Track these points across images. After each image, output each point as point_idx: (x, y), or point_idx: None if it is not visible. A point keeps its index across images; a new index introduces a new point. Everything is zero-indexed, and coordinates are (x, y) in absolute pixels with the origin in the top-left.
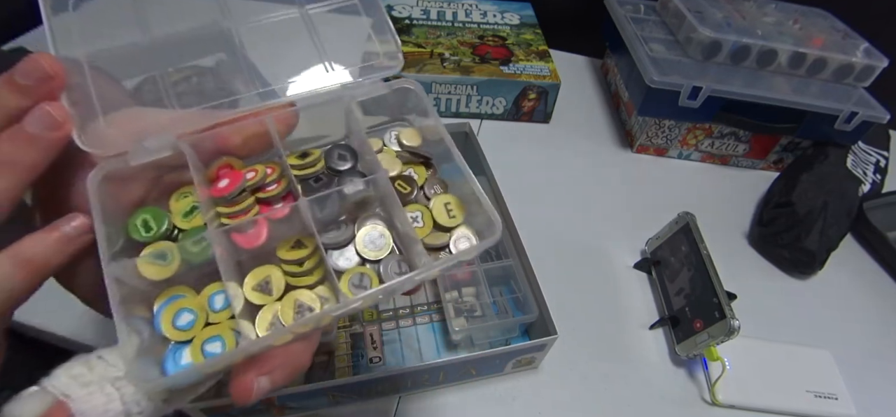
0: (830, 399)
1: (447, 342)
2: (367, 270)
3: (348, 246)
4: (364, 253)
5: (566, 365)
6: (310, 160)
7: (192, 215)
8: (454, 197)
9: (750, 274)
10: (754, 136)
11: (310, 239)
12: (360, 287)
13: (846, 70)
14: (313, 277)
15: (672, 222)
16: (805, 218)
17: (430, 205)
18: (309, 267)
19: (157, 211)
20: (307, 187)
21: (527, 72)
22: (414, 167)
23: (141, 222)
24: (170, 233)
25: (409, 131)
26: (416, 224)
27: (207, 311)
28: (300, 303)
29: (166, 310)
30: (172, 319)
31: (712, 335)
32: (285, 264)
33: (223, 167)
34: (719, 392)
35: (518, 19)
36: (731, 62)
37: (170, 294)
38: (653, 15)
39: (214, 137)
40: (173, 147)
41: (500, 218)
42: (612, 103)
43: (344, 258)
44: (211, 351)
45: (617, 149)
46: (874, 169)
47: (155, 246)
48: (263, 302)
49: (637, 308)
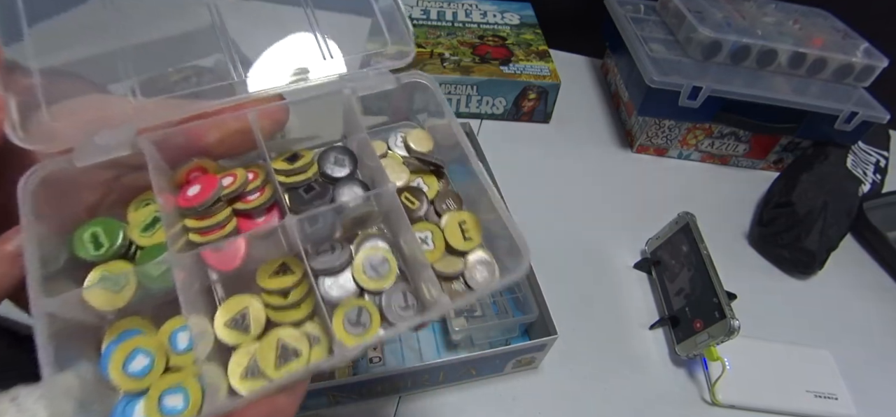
0: (830, 399)
1: (447, 342)
2: (366, 303)
3: (344, 272)
4: (363, 281)
5: (566, 365)
6: (300, 164)
7: (155, 228)
8: (470, 214)
9: (750, 274)
10: (754, 136)
11: (297, 262)
12: (358, 324)
13: (846, 70)
14: (301, 311)
15: (672, 222)
16: (805, 218)
17: (443, 223)
18: (296, 298)
19: (109, 223)
20: (296, 197)
21: (527, 72)
22: (423, 176)
23: (89, 237)
24: (125, 251)
25: (418, 133)
26: (426, 246)
27: (168, 352)
28: (284, 345)
29: (117, 351)
30: (124, 362)
31: (712, 335)
32: (267, 294)
33: (194, 170)
34: (719, 392)
35: (518, 19)
36: (731, 62)
37: (122, 328)
38: (653, 15)
39: (185, 132)
40: (132, 144)
41: (527, 246)
42: (612, 103)
43: (338, 286)
44: (171, 407)
45: (617, 149)
46: (874, 169)
47: (105, 268)
48: (238, 342)
49: (637, 308)
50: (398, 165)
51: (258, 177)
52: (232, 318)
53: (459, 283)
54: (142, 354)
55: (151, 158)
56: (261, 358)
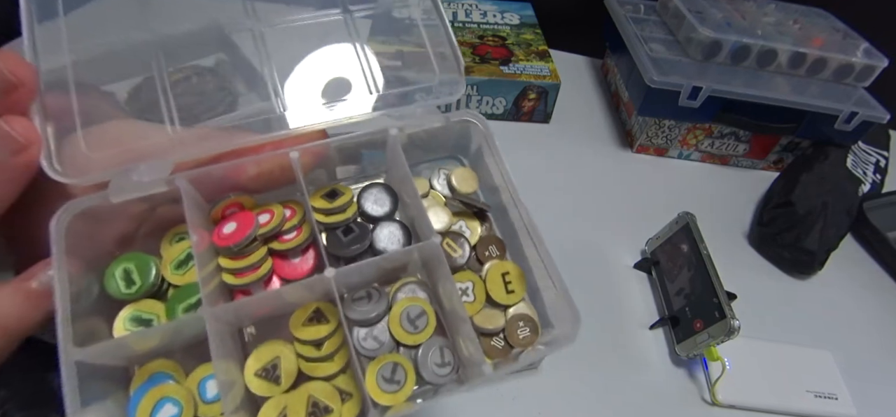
0: (830, 399)
1: None
2: (401, 359)
3: (380, 324)
4: (399, 335)
5: (566, 365)
6: (339, 204)
7: (188, 266)
8: (514, 266)
9: (750, 274)
10: (754, 136)
11: (332, 309)
12: (393, 381)
13: (846, 70)
14: (334, 364)
15: (672, 222)
16: (805, 218)
17: (484, 273)
18: (329, 350)
19: (142, 259)
20: (333, 238)
21: (527, 73)
22: (466, 220)
23: (121, 273)
24: (157, 289)
25: (463, 172)
26: (466, 298)
27: (196, 401)
28: (315, 402)
29: (145, 399)
30: (151, 412)
31: (712, 335)
32: (300, 343)
33: (231, 205)
34: (719, 392)
35: (518, 19)
36: (731, 62)
37: (150, 373)
38: (653, 15)
39: (224, 169)
40: (168, 182)
41: (579, 311)
42: (612, 103)
43: (373, 338)
44: None
45: (617, 149)
46: (874, 169)
47: (137, 307)
48: (269, 394)
49: (637, 308)
50: (440, 207)
51: (296, 214)
52: (263, 368)
53: (499, 340)
54: (170, 403)
55: (187, 195)
56: (292, 414)
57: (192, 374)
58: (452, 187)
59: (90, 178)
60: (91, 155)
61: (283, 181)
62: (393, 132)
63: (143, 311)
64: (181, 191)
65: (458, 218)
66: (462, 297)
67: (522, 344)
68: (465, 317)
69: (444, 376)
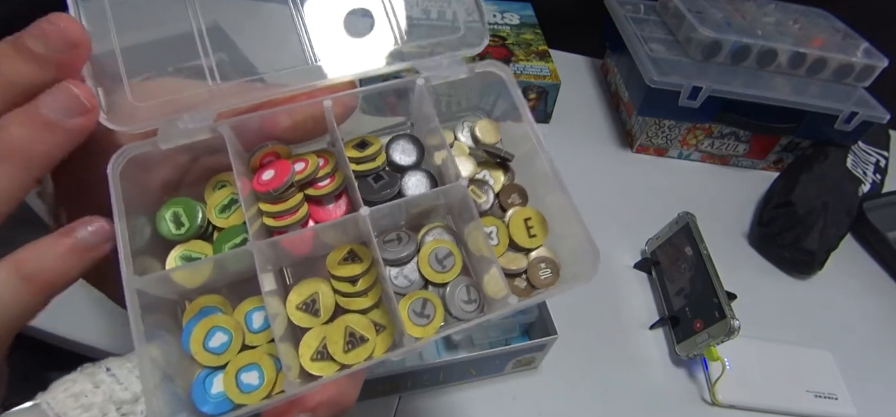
0: (830, 399)
1: (447, 342)
2: (430, 295)
3: (410, 263)
4: (428, 273)
5: (566, 365)
6: (369, 152)
7: (231, 210)
8: (536, 211)
9: (750, 274)
10: (754, 136)
11: (365, 251)
12: (423, 316)
13: (846, 70)
14: (368, 300)
15: (672, 222)
16: (805, 218)
17: (507, 219)
18: (363, 286)
19: (189, 203)
20: (365, 185)
21: (527, 73)
22: (490, 169)
23: (171, 216)
24: (203, 231)
25: (486, 124)
26: (491, 241)
27: (244, 331)
28: (352, 332)
29: (198, 328)
30: (204, 339)
31: (712, 335)
32: (336, 280)
33: (268, 154)
34: (719, 392)
35: (518, 19)
36: (731, 62)
37: (201, 306)
38: (653, 15)
39: (261, 119)
40: (212, 129)
41: (598, 247)
42: (612, 103)
43: (404, 277)
44: (247, 384)
45: (617, 149)
46: (874, 169)
47: (186, 247)
48: (309, 325)
49: (637, 308)
50: (465, 156)
51: (328, 163)
52: (303, 302)
53: (522, 280)
54: (220, 332)
55: (231, 143)
56: (330, 343)
57: (238, 307)
58: (476, 138)
59: (138, 127)
60: (138, 104)
61: (317, 132)
62: (419, 82)
63: (192, 250)
64: (224, 137)
65: (482, 167)
66: (489, 240)
67: (544, 284)
68: (492, 259)
69: (471, 312)
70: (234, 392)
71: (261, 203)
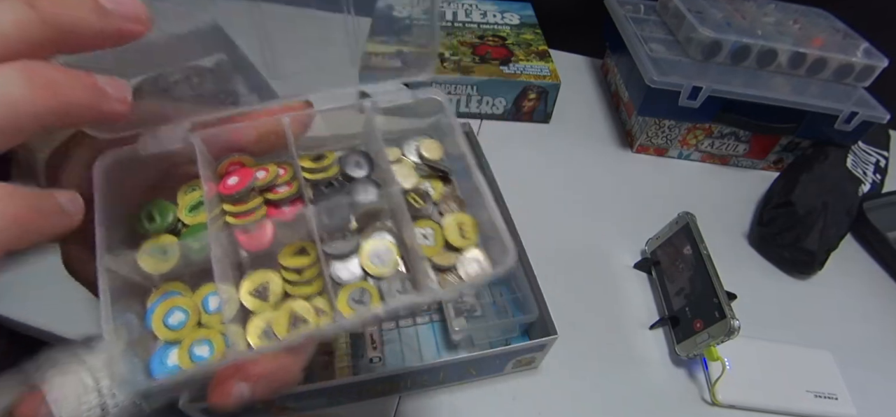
0: (830, 399)
1: (447, 342)
2: (368, 286)
3: (352, 258)
4: (368, 267)
5: (566, 365)
6: (324, 164)
7: (198, 210)
8: (469, 217)
9: (750, 274)
10: (754, 136)
11: (313, 246)
12: (360, 302)
13: (846, 70)
14: (312, 288)
15: (672, 222)
16: (805, 218)
17: (443, 223)
18: (309, 276)
19: (163, 204)
20: (318, 192)
21: (527, 73)
22: (431, 181)
23: (145, 214)
24: (173, 227)
25: (431, 143)
26: (426, 241)
27: (200, 312)
28: (295, 314)
29: (160, 307)
30: (164, 317)
31: (712, 335)
32: (285, 270)
33: (234, 163)
34: (719, 392)
35: (518, 19)
36: (731, 62)
37: (165, 290)
38: (653, 15)
39: (229, 132)
40: (184, 139)
41: (514, 246)
42: (612, 103)
43: (347, 270)
44: (199, 355)
45: (617, 149)
46: (874, 169)
47: (156, 240)
48: (259, 309)
49: (637, 308)
50: (409, 170)
51: (287, 172)
52: (255, 288)
53: (453, 276)
54: (179, 311)
55: (200, 151)
56: (275, 324)
57: (197, 291)
58: (421, 155)
59: (122, 132)
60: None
61: (278, 145)
62: (367, 104)
63: (160, 242)
64: (195, 146)
65: (425, 180)
66: (422, 240)
67: (473, 280)
68: (423, 257)
69: (403, 298)
70: (187, 363)
71: (224, 204)
